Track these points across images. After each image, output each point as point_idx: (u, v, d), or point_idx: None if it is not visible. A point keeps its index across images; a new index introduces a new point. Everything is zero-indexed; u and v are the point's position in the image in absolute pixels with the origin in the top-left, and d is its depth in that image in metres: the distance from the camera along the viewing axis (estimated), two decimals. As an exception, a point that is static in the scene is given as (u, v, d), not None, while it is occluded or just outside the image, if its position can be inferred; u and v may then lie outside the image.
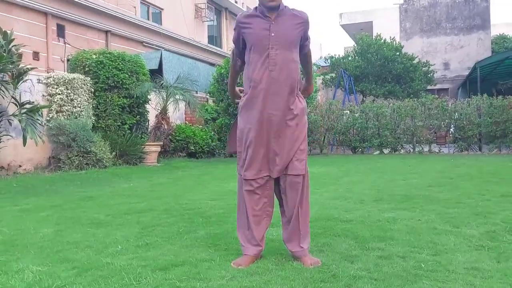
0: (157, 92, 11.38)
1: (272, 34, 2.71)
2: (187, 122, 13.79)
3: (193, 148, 12.28)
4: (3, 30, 8.01)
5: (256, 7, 2.82)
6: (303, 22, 2.79)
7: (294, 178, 2.79)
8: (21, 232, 3.75)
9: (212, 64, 18.23)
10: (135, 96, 10.49)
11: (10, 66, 7.84)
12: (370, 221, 3.88)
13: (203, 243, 3.26)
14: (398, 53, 22.35)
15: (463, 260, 2.68)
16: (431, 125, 14.10)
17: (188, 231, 3.66)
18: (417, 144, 14.10)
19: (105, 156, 9.06)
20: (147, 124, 11.63)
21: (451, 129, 14.35)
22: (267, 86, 2.74)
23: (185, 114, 14.25)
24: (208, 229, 3.73)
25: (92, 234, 3.63)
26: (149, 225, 3.93)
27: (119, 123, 10.34)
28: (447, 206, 4.46)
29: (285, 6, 2.80)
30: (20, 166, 8.50)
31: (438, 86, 25.03)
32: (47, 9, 11.79)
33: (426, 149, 13.95)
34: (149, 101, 11.37)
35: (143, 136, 10.89)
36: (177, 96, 11.37)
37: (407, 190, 5.65)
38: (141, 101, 10.99)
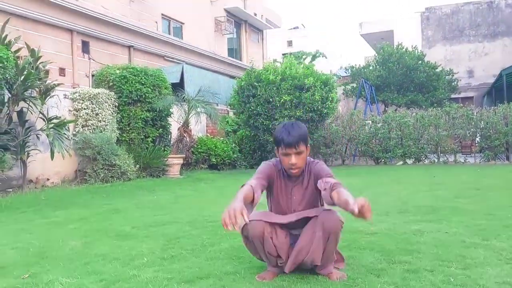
0: (179, 105, 11.52)
1: (294, 198, 2.80)
2: (209, 135, 13.90)
3: (214, 160, 12.35)
4: (31, 47, 8.27)
5: (279, 162, 2.83)
6: (316, 174, 2.77)
7: None
8: (50, 244, 3.83)
9: (232, 77, 18.37)
10: (157, 109, 10.64)
11: (38, 82, 8.07)
12: (396, 233, 3.82)
13: (227, 256, 3.27)
14: (420, 62, 22.13)
15: (494, 274, 2.62)
16: (455, 134, 13.86)
17: (212, 244, 3.68)
18: (441, 154, 13.86)
19: (129, 169, 9.18)
20: (169, 137, 11.76)
21: (477, 138, 14.06)
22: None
23: (206, 126, 14.37)
24: (231, 241, 3.73)
25: (118, 246, 3.68)
26: (174, 237, 3.96)
27: (142, 136, 10.49)
28: (475, 218, 4.37)
29: (307, 164, 2.81)
30: (48, 179, 8.69)
31: (462, 95, 24.65)
32: (72, 27, 12.13)
33: (451, 159, 13.70)
34: (171, 114, 11.51)
35: (165, 149, 11.01)
36: (198, 109, 11.48)
37: (433, 202, 5.55)
38: (164, 115, 11.13)
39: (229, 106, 15.34)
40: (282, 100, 12.22)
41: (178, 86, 12.63)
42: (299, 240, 2.70)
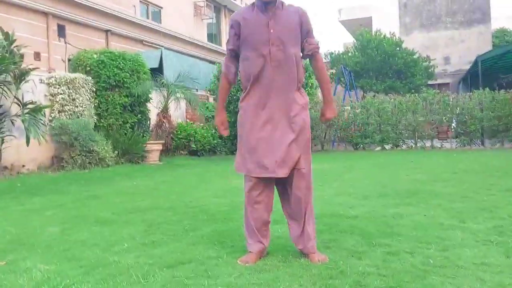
0: (158, 90, 11.37)
1: (271, 31, 2.68)
2: (188, 120, 13.78)
3: (194, 146, 12.27)
4: (5, 31, 8.01)
5: (252, 3, 2.79)
6: (300, 16, 2.75)
7: (299, 173, 2.76)
8: (27, 231, 3.76)
9: (212, 62, 18.22)
10: (136, 95, 10.48)
11: (12, 66, 7.84)
12: (376, 216, 3.88)
13: (209, 241, 3.26)
14: (398, 48, 22.33)
15: (472, 255, 2.68)
16: (432, 120, 14.08)
17: (193, 229, 3.66)
18: (419, 140, 14.09)
19: (107, 155, 9.05)
20: (148, 122, 11.62)
21: (453, 124, 14.33)
22: (269, 81, 2.72)
23: (186, 112, 14.24)
24: (213, 226, 3.73)
25: (98, 233, 3.63)
26: (154, 223, 3.93)
27: (120, 122, 10.33)
28: (453, 201, 4.46)
29: (282, 2, 2.77)
30: (23, 166, 8.49)
31: (439, 81, 25.02)
32: (47, 9, 11.80)
33: (428, 144, 13.94)
34: (150, 100, 11.37)
35: (144, 135, 10.88)
36: (178, 95, 11.36)
37: (411, 186, 5.65)
38: (142, 100, 10.97)
39: (209, 92, 15.22)
40: (262, 86, 12.18)
41: (157, 71, 12.46)
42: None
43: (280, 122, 2.74)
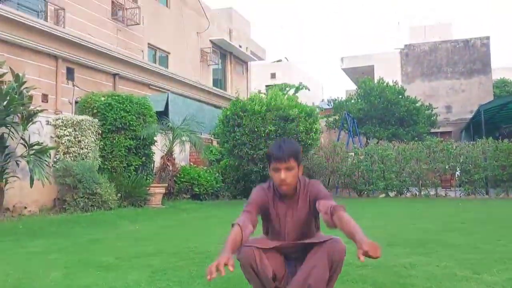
0: (164, 133, 11.44)
1: (288, 219, 2.71)
2: (192, 164, 13.78)
3: (197, 189, 12.20)
4: (16, 73, 8.16)
5: (273, 184, 2.74)
6: (312, 193, 2.70)
7: None
8: (29, 275, 3.67)
9: (217, 107, 18.44)
10: (141, 137, 10.54)
11: (21, 108, 7.93)
12: (387, 266, 3.78)
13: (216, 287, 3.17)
14: (400, 96, 22.63)
15: (489, 309, 2.59)
16: (436, 168, 14.04)
17: (200, 275, 3.56)
18: (423, 187, 14.00)
19: (110, 197, 8.99)
20: (152, 165, 11.61)
21: (457, 173, 14.28)
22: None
23: (190, 155, 14.27)
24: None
25: (102, 278, 3.54)
26: (160, 269, 3.84)
27: (125, 165, 10.32)
28: (464, 251, 4.37)
29: (301, 183, 2.72)
30: (25, 207, 8.42)
31: (441, 129, 25.17)
32: (58, 53, 12.06)
33: (432, 192, 13.84)
34: (155, 143, 11.42)
35: (148, 178, 10.84)
36: (183, 138, 11.42)
37: (420, 235, 5.55)
38: (148, 143, 11.02)
39: (213, 136, 15.31)
40: (267, 130, 12.26)
41: (163, 115, 12.58)
42: (303, 268, 2.58)
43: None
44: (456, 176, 14.42)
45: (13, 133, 7.87)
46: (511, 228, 6.02)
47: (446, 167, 14.07)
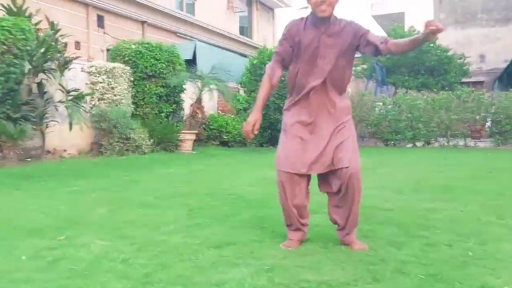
0: (193, 81, 11.58)
1: (321, 45, 2.75)
2: (220, 112, 13.98)
3: (226, 137, 12.47)
4: (51, 20, 8.34)
5: (307, 16, 2.85)
6: (350, 32, 2.76)
7: (346, 171, 2.79)
8: (78, 211, 4.00)
9: (244, 55, 18.35)
10: (171, 85, 10.73)
11: (57, 55, 8.18)
12: (411, 210, 3.95)
13: (250, 225, 3.41)
14: (432, 45, 21.89)
15: (510, 249, 2.75)
16: (466, 118, 13.84)
17: (233, 214, 3.82)
18: (451, 138, 13.88)
19: (144, 143, 9.34)
20: (182, 113, 11.87)
21: (488, 123, 14.05)
22: (313, 92, 2.81)
23: (218, 104, 14.44)
24: (252, 212, 3.88)
25: (144, 214, 3.83)
26: (196, 207, 4.11)
27: (156, 112, 10.60)
28: (489, 197, 4.48)
29: (337, 19, 2.80)
30: (64, 150, 8.85)
31: (473, 79, 24.42)
32: (88, 1, 12.14)
33: (461, 143, 13.73)
34: (185, 91, 11.60)
35: (178, 125, 11.13)
36: (211, 86, 11.55)
37: (445, 181, 5.66)
38: (177, 91, 11.22)
39: (240, 85, 15.36)
40: (294, 80, 12.23)
41: (191, 63, 12.67)
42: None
43: (323, 127, 2.84)
44: (487, 126, 14.20)
45: (51, 79, 8.16)
46: (539, 177, 6.05)
47: (477, 117, 13.84)
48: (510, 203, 4.17)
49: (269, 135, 13.95)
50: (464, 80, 23.00)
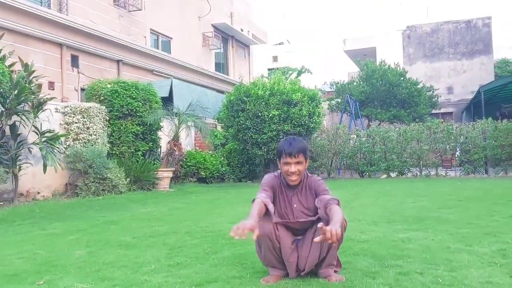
0: (169, 119, 11.69)
1: (294, 205, 3.08)
2: (197, 148, 14.07)
3: (203, 173, 12.52)
4: (25, 62, 8.39)
5: (281, 177, 3.12)
6: (315, 187, 3.08)
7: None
8: (55, 254, 3.97)
9: (220, 91, 18.63)
10: (148, 123, 10.80)
11: (31, 96, 8.18)
12: (386, 241, 4.07)
13: (230, 262, 3.46)
14: (402, 78, 22.75)
15: (478, 275, 2.88)
16: (436, 148, 14.31)
17: (214, 252, 3.86)
18: (423, 168, 14.28)
19: (120, 182, 9.30)
20: (159, 150, 11.91)
21: (457, 153, 14.54)
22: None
23: (195, 140, 14.54)
24: (232, 250, 3.93)
25: (123, 255, 3.84)
26: (175, 247, 4.14)
27: (132, 150, 10.61)
28: (458, 226, 4.66)
29: (304, 180, 3.10)
30: (38, 192, 8.74)
31: (442, 110, 25.34)
32: (62, 41, 12.25)
33: (433, 172, 14.12)
34: (162, 128, 11.68)
35: (155, 162, 11.14)
36: (188, 123, 11.68)
37: (418, 212, 5.84)
38: (154, 128, 11.29)
39: (217, 120, 15.55)
40: (270, 115, 12.50)
41: (167, 100, 12.82)
42: (301, 248, 2.99)
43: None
44: (456, 156, 14.69)
45: (24, 121, 8.14)
46: (505, 204, 6.29)
47: (447, 147, 14.33)
48: (477, 231, 4.34)
49: (247, 170, 14.08)
50: (434, 111, 23.84)
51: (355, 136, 15.26)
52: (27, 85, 8.11)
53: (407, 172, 14.41)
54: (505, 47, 33.13)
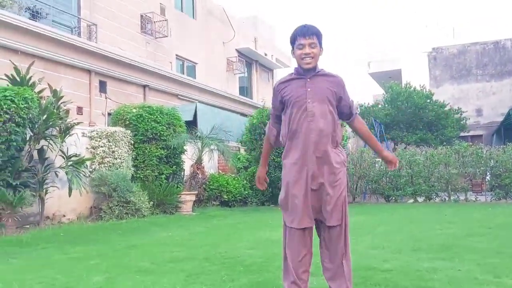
0: (193, 142, 11.78)
1: (309, 89, 2.92)
2: (220, 171, 14.09)
3: (226, 197, 12.48)
4: (53, 88, 8.65)
5: (292, 72, 3.07)
6: (334, 82, 2.97)
7: (334, 229, 2.90)
8: (74, 279, 3.97)
9: (244, 115, 18.76)
10: (172, 147, 10.90)
11: (59, 121, 8.39)
12: (410, 270, 3.92)
13: (247, 291, 3.38)
14: (428, 101, 22.42)
15: (506, 310, 2.72)
16: (466, 172, 13.90)
17: (231, 279, 3.79)
18: (452, 192, 13.86)
19: (143, 205, 9.35)
20: (182, 173, 11.97)
21: (487, 177, 14.08)
22: (306, 135, 2.88)
23: (218, 163, 14.58)
24: (250, 277, 3.85)
25: (140, 282, 3.81)
26: (193, 273, 4.08)
27: (156, 173, 10.70)
28: (487, 256, 4.45)
29: (321, 69, 3.02)
30: (64, 215, 8.86)
31: (471, 133, 24.75)
32: (90, 67, 12.63)
33: (462, 197, 13.69)
34: (185, 152, 11.77)
35: (179, 186, 11.18)
36: (211, 147, 11.73)
37: (445, 240, 5.63)
38: (178, 152, 11.38)
39: (240, 143, 15.59)
40: (293, 138, 12.41)
41: (192, 124, 12.95)
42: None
43: (318, 179, 2.90)
44: (487, 180, 14.22)
45: (52, 145, 8.32)
46: (539, 233, 6.01)
47: (477, 171, 13.91)
48: (507, 261, 4.13)
49: (270, 193, 13.94)
50: (462, 134, 23.30)
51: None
52: (55, 110, 8.34)
53: (434, 197, 14.01)
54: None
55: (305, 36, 2.88)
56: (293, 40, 2.96)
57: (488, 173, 13.94)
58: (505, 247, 4.93)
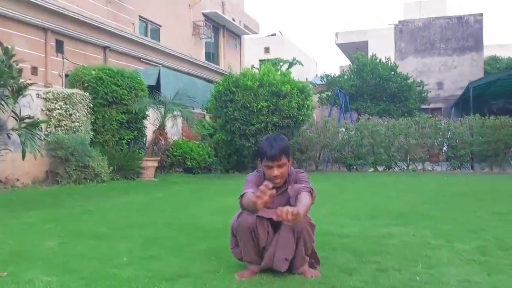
0: (155, 108, 11.51)
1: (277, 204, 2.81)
2: (184, 138, 13.89)
3: (190, 163, 12.36)
4: (5, 45, 8.14)
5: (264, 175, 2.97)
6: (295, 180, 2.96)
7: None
8: (26, 244, 3.83)
9: (209, 81, 18.44)
10: (133, 111, 10.61)
11: (11, 81, 7.93)
12: (366, 236, 4.00)
13: (205, 256, 3.35)
14: (393, 73, 22.74)
15: (456, 273, 2.81)
16: (424, 143, 14.32)
17: (189, 244, 3.75)
18: (410, 162, 14.28)
19: (103, 170, 9.13)
20: (144, 139, 11.72)
21: (444, 148, 14.57)
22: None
23: (182, 130, 14.37)
24: (209, 242, 3.82)
25: (95, 247, 3.71)
26: (151, 238, 4.02)
27: (117, 138, 10.43)
28: (441, 222, 4.60)
29: (290, 175, 2.97)
30: (17, 179, 8.54)
31: (432, 106, 25.39)
32: (46, 25, 11.96)
33: (419, 167, 14.13)
34: (147, 117, 11.50)
35: (140, 152, 10.97)
36: (175, 112, 11.50)
37: (401, 207, 5.78)
38: (139, 117, 11.10)
39: (205, 110, 15.38)
40: (259, 106, 12.36)
41: (155, 89, 12.61)
42: (272, 244, 2.84)
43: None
44: (443, 151, 14.72)
45: (3, 106, 7.90)
46: (489, 200, 6.27)
47: (434, 142, 14.35)
48: (459, 227, 4.29)
49: (234, 161, 13.96)
50: (423, 106, 23.88)
51: (343, 129, 15.20)
52: (6, 69, 7.88)
53: (394, 166, 14.41)
54: (495, 45, 33.33)
55: (273, 159, 2.85)
56: (260, 157, 2.92)
57: (445, 144, 14.41)
58: (458, 214, 5.11)
